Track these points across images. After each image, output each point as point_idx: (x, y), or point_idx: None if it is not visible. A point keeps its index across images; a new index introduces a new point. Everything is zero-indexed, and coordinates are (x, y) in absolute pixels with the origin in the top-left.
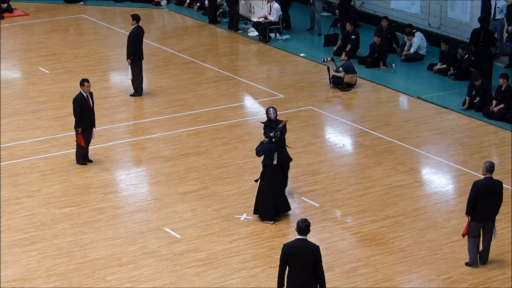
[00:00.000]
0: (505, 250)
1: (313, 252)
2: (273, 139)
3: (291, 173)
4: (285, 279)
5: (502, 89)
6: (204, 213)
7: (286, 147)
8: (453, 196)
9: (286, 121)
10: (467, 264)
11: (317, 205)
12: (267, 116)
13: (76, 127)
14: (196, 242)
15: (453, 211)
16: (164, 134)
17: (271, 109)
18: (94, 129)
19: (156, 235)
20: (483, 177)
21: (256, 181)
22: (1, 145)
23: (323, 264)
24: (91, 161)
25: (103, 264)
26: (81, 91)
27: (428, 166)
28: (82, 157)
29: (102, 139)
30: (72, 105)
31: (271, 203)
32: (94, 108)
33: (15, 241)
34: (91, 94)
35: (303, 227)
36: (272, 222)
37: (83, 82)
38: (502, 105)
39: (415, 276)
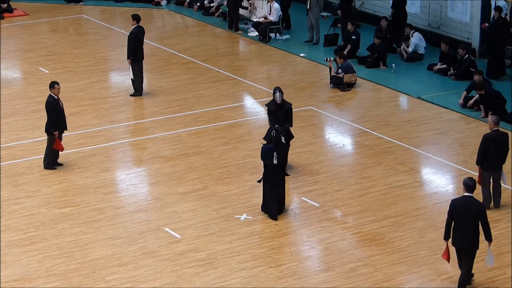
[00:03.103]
0: (505, 250)
1: (478, 210)
2: (272, 139)
3: (291, 173)
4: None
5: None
6: (204, 213)
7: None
8: (453, 196)
9: (291, 104)
10: None
11: (317, 205)
12: (273, 98)
13: (51, 131)
14: (196, 242)
15: None
16: (164, 134)
17: (278, 92)
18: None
19: (156, 235)
20: (490, 130)
21: (259, 181)
22: (1, 145)
23: (321, 264)
24: (61, 164)
25: (103, 264)
26: (52, 94)
27: (428, 166)
28: (53, 162)
29: (102, 139)
30: (45, 110)
31: (274, 203)
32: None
33: (15, 241)
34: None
35: (471, 184)
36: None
37: (54, 84)
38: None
39: (415, 276)
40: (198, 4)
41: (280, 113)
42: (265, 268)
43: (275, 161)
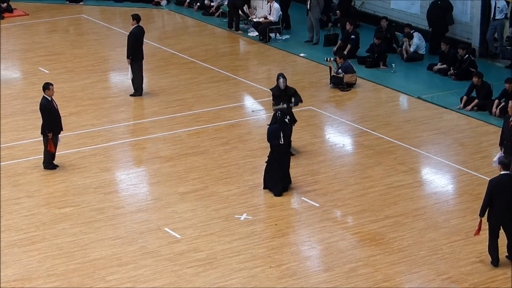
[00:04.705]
0: (505, 250)
1: None
2: (277, 119)
3: (291, 173)
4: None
5: (509, 92)
6: (204, 213)
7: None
8: (453, 196)
9: (295, 89)
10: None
11: (317, 205)
12: (277, 84)
13: (46, 133)
14: (196, 242)
15: (453, 211)
16: (164, 134)
17: (281, 78)
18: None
19: (156, 235)
20: None
21: (266, 162)
22: (1, 145)
23: (321, 264)
24: (57, 166)
25: (103, 264)
26: (45, 96)
27: (428, 166)
28: (51, 162)
29: (102, 139)
30: (40, 112)
31: (279, 181)
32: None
33: (15, 241)
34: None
35: (507, 162)
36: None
37: (48, 85)
38: (502, 103)
39: (415, 276)
40: (198, 4)
41: (284, 98)
42: (265, 268)
43: (281, 141)
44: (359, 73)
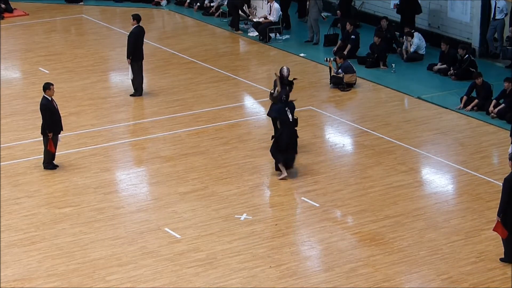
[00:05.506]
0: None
1: None
2: (282, 99)
3: (291, 173)
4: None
5: (507, 92)
6: (204, 213)
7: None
8: (453, 196)
9: (295, 78)
10: None
11: (317, 205)
12: (280, 72)
13: (46, 133)
14: (196, 242)
15: (453, 211)
16: (164, 134)
17: (285, 68)
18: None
19: (156, 235)
20: None
21: (272, 138)
22: (1, 145)
23: (321, 264)
24: (57, 166)
25: (103, 264)
26: (46, 96)
27: (428, 166)
28: (51, 162)
29: (102, 139)
30: (40, 112)
31: (293, 153)
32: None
33: (15, 241)
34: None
35: None
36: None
37: (49, 85)
38: (502, 105)
39: (415, 276)
40: (198, 4)
41: (283, 86)
42: (265, 268)
43: (289, 115)
44: (359, 73)
